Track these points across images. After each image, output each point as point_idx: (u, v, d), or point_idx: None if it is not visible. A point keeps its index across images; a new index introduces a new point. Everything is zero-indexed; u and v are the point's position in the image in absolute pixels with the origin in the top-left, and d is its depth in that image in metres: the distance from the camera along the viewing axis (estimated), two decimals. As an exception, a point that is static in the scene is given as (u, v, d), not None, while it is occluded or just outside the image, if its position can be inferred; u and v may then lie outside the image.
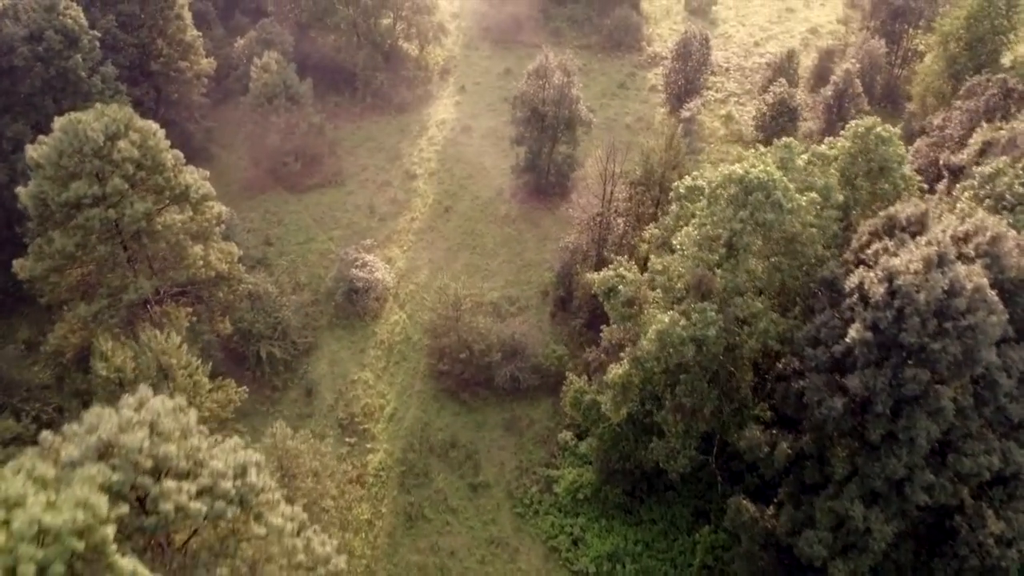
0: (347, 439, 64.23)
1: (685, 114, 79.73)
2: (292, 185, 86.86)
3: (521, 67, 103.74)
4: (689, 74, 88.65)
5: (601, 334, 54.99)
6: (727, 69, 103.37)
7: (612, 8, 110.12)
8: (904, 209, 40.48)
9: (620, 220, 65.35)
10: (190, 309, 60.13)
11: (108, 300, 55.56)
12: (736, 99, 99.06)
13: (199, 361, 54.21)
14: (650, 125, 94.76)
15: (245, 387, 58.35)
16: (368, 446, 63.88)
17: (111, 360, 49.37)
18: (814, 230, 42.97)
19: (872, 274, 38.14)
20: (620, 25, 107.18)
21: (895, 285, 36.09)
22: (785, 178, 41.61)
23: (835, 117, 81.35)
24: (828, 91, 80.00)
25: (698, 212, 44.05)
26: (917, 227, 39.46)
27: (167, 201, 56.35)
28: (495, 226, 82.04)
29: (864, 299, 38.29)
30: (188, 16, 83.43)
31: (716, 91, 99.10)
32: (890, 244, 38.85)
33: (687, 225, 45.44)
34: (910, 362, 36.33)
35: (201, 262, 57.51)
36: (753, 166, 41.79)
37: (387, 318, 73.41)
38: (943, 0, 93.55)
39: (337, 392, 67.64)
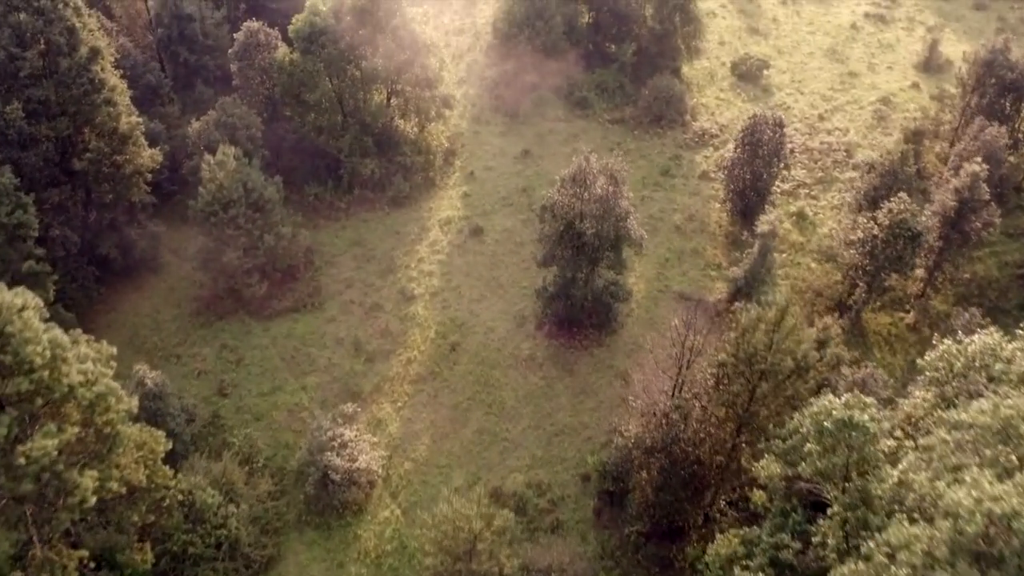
0: None
1: (763, 227, 61.47)
2: (257, 309, 68.27)
3: (542, 146, 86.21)
4: (758, 168, 70.41)
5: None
6: (791, 151, 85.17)
7: (649, 75, 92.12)
8: None
9: (697, 404, 46.85)
10: (85, 554, 41.33)
11: (-52, 566, 37.04)
12: (807, 191, 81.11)
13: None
14: (705, 227, 76.60)
15: None
16: None
17: None
18: None
19: None
20: (660, 95, 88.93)
21: None
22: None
23: (953, 231, 63.20)
24: (949, 199, 61.62)
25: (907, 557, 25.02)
26: None
27: (38, 414, 37.87)
28: (516, 372, 63.25)
29: None
30: (124, 99, 65.14)
31: (781, 180, 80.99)
32: None
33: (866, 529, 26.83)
34: None
35: (95, 497, 38.85)
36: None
37: (375, 514, 54.54)
38: (1067, 73, 75.87)
39: (303, 636, 48.85)
